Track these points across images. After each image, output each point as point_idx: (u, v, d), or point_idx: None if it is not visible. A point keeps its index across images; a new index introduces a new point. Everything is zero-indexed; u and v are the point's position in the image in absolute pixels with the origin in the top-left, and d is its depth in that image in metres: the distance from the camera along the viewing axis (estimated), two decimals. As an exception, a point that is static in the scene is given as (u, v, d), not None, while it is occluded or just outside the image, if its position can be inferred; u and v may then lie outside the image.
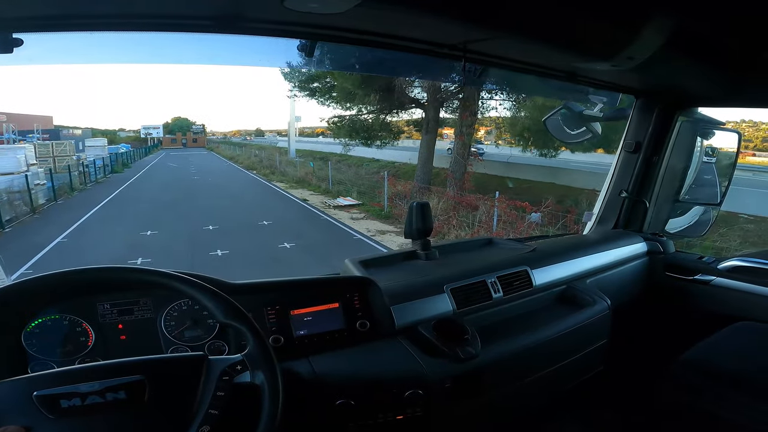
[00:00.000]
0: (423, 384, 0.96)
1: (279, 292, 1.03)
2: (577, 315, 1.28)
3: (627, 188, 1.74)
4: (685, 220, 1.89)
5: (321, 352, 1.00)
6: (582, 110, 1.73)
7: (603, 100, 1.65)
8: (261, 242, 7.83)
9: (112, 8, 0.84)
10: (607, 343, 1.36)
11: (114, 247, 7.42)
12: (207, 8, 0.88)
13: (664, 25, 0.90)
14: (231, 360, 0.70)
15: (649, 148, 1.69)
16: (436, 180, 12.42)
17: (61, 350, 0.90)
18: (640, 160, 1.70)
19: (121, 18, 0.86)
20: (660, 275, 1.66)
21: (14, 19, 0.80)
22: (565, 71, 1.35)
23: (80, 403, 0.61)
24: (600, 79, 1.44)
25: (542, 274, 1.34)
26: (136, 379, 0.64)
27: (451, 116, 13.13)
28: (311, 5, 0.79)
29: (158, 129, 56.98)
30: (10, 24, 0.80)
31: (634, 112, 1.71)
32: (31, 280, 0.71)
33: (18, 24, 0.80)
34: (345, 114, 12.76)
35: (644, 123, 1.68)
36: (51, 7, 0.80)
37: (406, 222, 1.42)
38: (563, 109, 1.77)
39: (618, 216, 1.79)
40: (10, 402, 0.61)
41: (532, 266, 1.33)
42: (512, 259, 1.36)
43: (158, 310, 0.96)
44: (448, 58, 1.20)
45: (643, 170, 1.72)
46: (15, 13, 0.79)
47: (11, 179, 10.82)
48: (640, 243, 1.67)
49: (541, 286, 1.33)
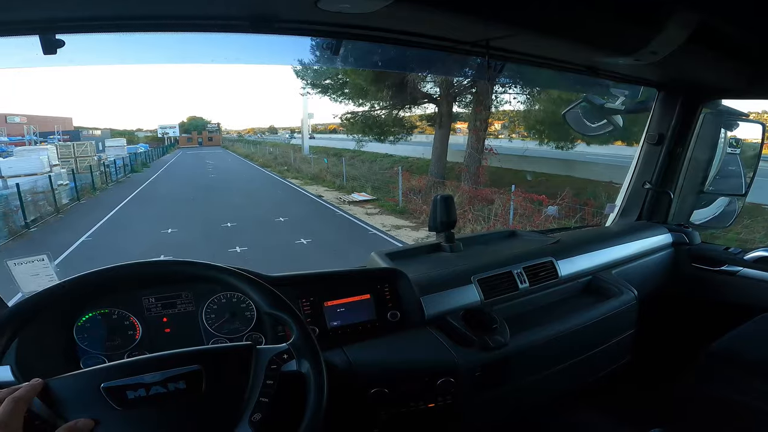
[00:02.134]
0: (454, 372, 0.99)
1: (312, 285, 1.06)
2: (604, 305, 1.29)
3: (650, 180, 1.74)
4: (710, 211, 1.88)
5: (354, 343, 1.02)
6: (603, 103, 1.73)
7: (625, 93, 1.65)
8: (278, 239, 7.92)
9: (151, 10, 0.87)
10: (634, 334, 1.36)
11: (136, 245, 7.58)
12: (244, 9, 0.90)
13: (688, 20, 0.91)
14: (277, 349, 0.71)
15: (672, 139, 1.69)
16: (450, 174, 12.36)
17: (111, 344, 0.92)
18: (664, 151, 1.70)
19: (159, 19, 0.89)
20: (686, 266, 1.66)
21: (57, 20, 0.83)
22: (586, 66, 1.36)
23: (145, 394, 0.62)
24: (621, 73, 1.45)
25: (567, 265, 1.35)
26: (194, 368, 0.65)
27: (464, 110, 13.04)
28: (343, 5, 0.82)
29: (174, 128, 58.01)
30: (54, 25, 0.83)
31: (656, 104, 1.70)
32: (86, 275, 0.73)
33: (61, 25, 0.83)
34: (358, 110, 12.78)
35: (667, 115, 1.67)
36: (92, 9, 0.83)
37: (430, 215, 1.44)
38: (583, 103, 1.78)
39: (641, 207, 1.79)
40: (79, 394, 0.62)
41: (557, 257, 1.35)
42: (537, 251, 1.37)
43: (199, 304, 0.99)
44: (470, 54, 1.22)
45: (666, 162, 1.72)
46: (58, 14, 0.82)
47: (35, 180, 10.95)
48: (665, 234, 1.68)
49: (567, 277, 1.34)
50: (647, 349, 1.46)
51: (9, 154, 16.17)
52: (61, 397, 0.61)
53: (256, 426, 0.64)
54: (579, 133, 1.83)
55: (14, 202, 9.15)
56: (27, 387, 0.60)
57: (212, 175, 19.87)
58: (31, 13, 0.80)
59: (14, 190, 9.26)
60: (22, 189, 9.27)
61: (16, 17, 0.80)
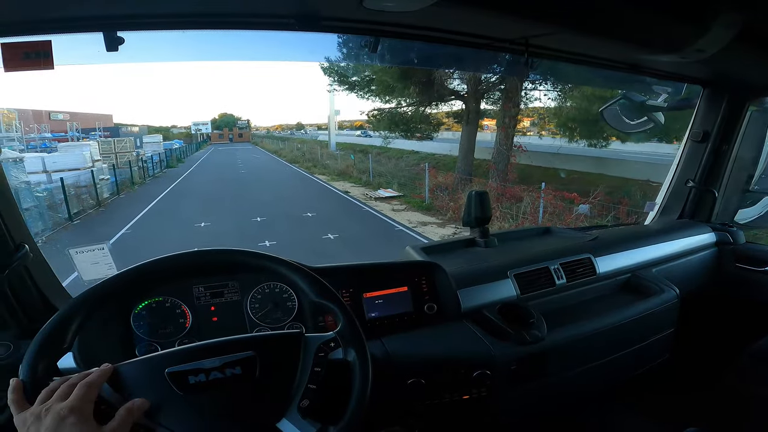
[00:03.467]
0: (490, 365, 1.00)
1: (352, 276, 1.08)
2: (644, 303, 1.28)
3: (694, 178, 1.71)
4: (756, 210, 1.82)
5: (391, 334, 1.04)
6: (643, 100, 1.70)
7: (668, 90, 1.62)
8: (306, 234, 8.05)
9: (204, 8, 0.91)
10: (674, 333, 1.35)
11: (172, 237, 7.87)
12: (291, 8, 0.93)
13: (736, 17, 0.90)
14: (325, 337, 0.72)
15: (717, 137, 1.65)
16: (477, 171, 12.23)
17: (163, 331, 0.95)
18: (708, 149, 1.66)
19: (211, 17, 0.93)
20: (730, 266, 1.62)
21: (119, 18, 0.87)
22: (628, 63, 1.35)
23: (205, 379, 0.63)
24: (665, 70, 1.43)
25: (606, 262, 1.35)
26: (248, 355, 0.66)
27: (492, 107, 12.85)
28: (386, 4, 0.83)
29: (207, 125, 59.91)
30: (116, 22, 0.87)
31: (701, 101, 1.66)
32: (149, 263, 0.75)
33: (122, 23, 0.87)
34: (384, 107, 12.81)
35: (712, 113, 1.64)
36: (150, 7, 0.87)
37: (464, 210, 1.46)
38: (622, 99, 1.75)
39: (684, 206, 1.76)
40: (145, 379, 0.64)
41: (595, 254, 1.34)
42: (574, 247, 1.37)
43: (244, 293, 1.00)
44: (509, 52, 1.24)
45: (711, 160, 1.68)
46: (119, 12, 0.86)
47: (78, 175, 11.23)
48: (708, 233, 1.64)
49: (605, 274, 1.34)
50: (687, 348, 1.43)
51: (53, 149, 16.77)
52: (128, 381, 0.63)
53: (304, 412, 0.65)
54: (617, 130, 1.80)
55: (59, 195, 9.51)
56: (98, 372, 0.62)
57: (242, 171, 20.37)
58: (96, 10, 0.85)
59: (59, 184, 9.58)
60: (65, 183, 9.60)
61: (82, 13, 0.85)
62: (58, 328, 0.65)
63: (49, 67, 0.85)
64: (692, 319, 1.40)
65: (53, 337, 0.65)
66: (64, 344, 0.65)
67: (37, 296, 1.01)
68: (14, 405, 0.59)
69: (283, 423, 0.64)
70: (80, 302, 0.68)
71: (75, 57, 0.91)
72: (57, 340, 0.65)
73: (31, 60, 0.84)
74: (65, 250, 1.06)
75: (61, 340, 0.65)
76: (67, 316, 0.66)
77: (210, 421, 0.63)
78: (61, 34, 0.86)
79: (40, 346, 0.64)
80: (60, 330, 0.65)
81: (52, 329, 0.65)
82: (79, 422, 0.56)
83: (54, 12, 0.83)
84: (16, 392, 0.60)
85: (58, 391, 0.59)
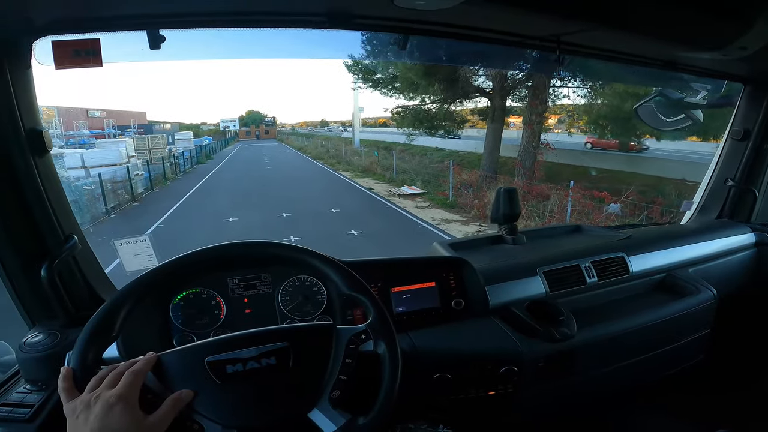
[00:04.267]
0: (518, 361, 1.00)
1: (381, 271, 1.08)
2: (679, 303, 1.25)
3: (733, 177, 1.66)
4: (799, 210, 1.75)
5: (419, 328, 1.05)
6: (680, 97, 1.66)
7: (707, 88, 1.57)
8: (330, 229, 8.14)
9: (239, 6, 0.93)
10: (710, 333, 1.32)
11: (202, 231, 8.07)
12: (324, 6, 0.95)
13: None
14: (356, 329, 0.72)
15: (759, 135, 1.59)
16: (503, 169, 12.08)
17: (199, 322, 0.97)
18: (749, 148, 1.61)
19: (246, 15, 0.95)
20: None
21: (161, 16, 0.89)
22: (665, 60, 1.31)
23: (242, 369, 0.64)
24: (704, 68, 1.39)
25: (639, 261, 1.33)
26: (282, 345, 0.67)
27: (519, 104, 12.63)
28: (418, 2, 0.84)
29: (235, 122, 61.33)
30: (158, 21, 0.89)
31: (741, 99, 1.61)
32: (187, 256, 0.76)
33: (163, 21, 0.89)
34: (408, 104, 12.79)
35: (754, 110, 1.58)
36: (190, 5, 0.89)
37: (492, 207, 1.46)
38: (658, 97, 1.71)
39: (723, 205, 1.71)
40: (186, 368, 0.65)
41: (629, 253, 1.32)
42: (606, 245, 1.36)
43: (276, 286, 1.02)
44: (539, 50, 1.23)
45: (752, 158, 1.62)
46: (161, 10, 0.88)
47: (114, 170, 11.48)
48: (747, 233, 1.59)
49: (639, 273, 1.32)
50: (723, 350, 1.40)
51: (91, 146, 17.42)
52: (169, 370, 0.64)
53: (334, 402, 0.65)
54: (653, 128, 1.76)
55: (96, 190, 9.85)
56: (144, 361, 0.63)
57: (269, 167, 20.77)
58: (140, 8, 0.87)
59: (96, 179, 9.92)
60: (102, 178, 9.92)
61: (128, 12, 0.88)
62: (107, 317, 0.67)
63: (98, 64, 0.88)
64: (729, 320, 1.36)
65: (103, 325, 0.66)
66: (112, 333, 0.66)
67: (84, 286, 1.04)
68: (64, 393, 0.60)
69: (314, 413, 0.65)
70: (128, 292, 0.70)
71: (120, 55, 0.94)
72: (106, 329, 0.66)
73: (81, 58, 0.87)
74: (110, 241, 1.09)
75: (110, 329, 0.66)
76: (115, 306, 0.68)
77: (244, 410, 0.64)
78: (108, 32, 0.88)
79: (91, 334, 0.65)
80: (109, 319, 0.66)
81: (101, 318, 0.66)
82: (126, 410, 0.56)
83: (102, 11, 0.86)
84: (66, 380, 0.61)
85: (107, 379, 0.60)
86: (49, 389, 0.84)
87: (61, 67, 0.86)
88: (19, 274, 0.94)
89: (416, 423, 0.92)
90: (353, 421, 0.64)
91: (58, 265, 0.94)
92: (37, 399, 0.82)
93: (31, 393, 0.84)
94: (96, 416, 0.55)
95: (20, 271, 0.94)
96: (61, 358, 0.78)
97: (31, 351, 0.88)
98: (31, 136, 0.88)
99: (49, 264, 0.92)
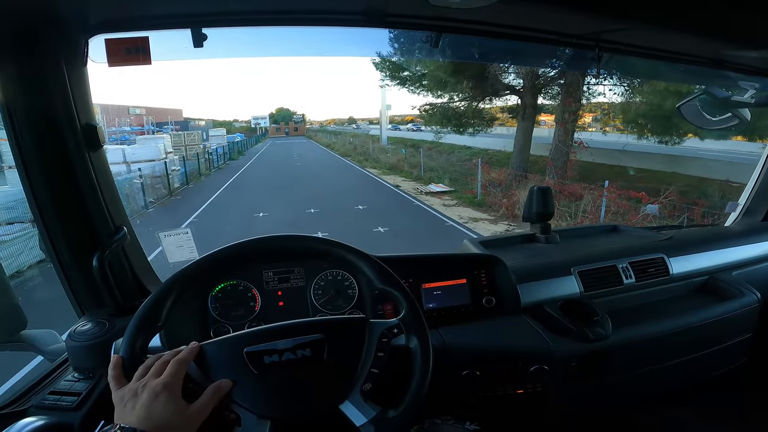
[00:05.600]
0: (549, 360, 0.99)
1: (412, 266, 1.09)
2: (721, 306, 1.22)
3: None
4: None
5: (449, 325, 1.06)
6: (726, 95, 1.60)
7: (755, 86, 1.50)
8: (357, 226, 8.18)
9: (277, 5, 0.95)
10: (752, 337, 1.29)
11: (234, 226, 8.27)
12: (359, 5, 0.96)
13: None
14: (389, 323, 0.72)
15: (812, 135, 1.51)
16: (533, 168, 11.79)
17: (236, 314, 0.98)
18: None
19: (286, 14, 0.98)
20: None
21: (204, 15, 0.91)
22: (711, 58, 1.27)
23: (278, 359, 0.65)
24: (752, 66, 1.33)
25: (680, 263, 1.30)
26: (318, 337, 0.67)
27: (550, 102, 12.28)
28: (453, 0, 0.84)
29: (265, 119, 62.73)
30: (201, 20, 0.91)
31: None
32: (229, 247, 0.76)
33: (206, 19, 0.91)
34: (436, 102, 12.68)
35: None
36: (231, 4, 0.91)
37: (525, 205, 1.46)
38: (702, 95, 1.65)
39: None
40: (224, 357, 0.65)
41: (669, 254, 1.29)
42: (645, 246, 1.33)
43: (309, 280, 1.04)
44: (577, 48, 1.20)
45: (803, 159, 1.54)
46: (204, 9, 0.91)
47: (153, 165, 11.70)
48: None
49: (679, 275, 1.29)
50: (765, 353, 1.35)
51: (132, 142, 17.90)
52: (210, 360, 0.65)
53: (365, 395, 0.66)
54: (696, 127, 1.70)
55: (136, 185, 10.15)
56: (188, 350, 0.64)
57: (298, 164, 21.08)
58: (185, 7, 0.90)
59: (137, 174, 10.27)
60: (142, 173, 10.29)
61: (174, 11, 0.91)
62: (155, 307, 0.68)
63: (147, 62, 0.90)
64: None
65: (150, 315, 0.67)
66: (158, 322, 0.68)
67: (131, 276, 1.07)
68: (114, 381, 0.61)
69: (346, 405, 0.65)
70: (174, 282, 0.71)
71: (166, 53, 0.96)
72: (153, 319, 0.67)
73: (132, 55, 0.89)
74: (155, 233, 1.15)
75: (157, 319, 0.67)
76: (163, 296, 0.69)
77: (278, 400, 0.64)
78: (156, 30, 0.91)
79: (139, 323, 0.66)
80: (156, 308, 0.68)
81: (150, 308, 0.68)
82: (170, 399, 0.58)
83: (151, 9, 0.90)
84: (116, 368, 0.62)
85: (154, 368, 0.61)
86: (95, 377, 0.86)
87: (114, 65, 0.90)
88: (72, 264, 0.97)
89: (443, 418, 0.92)
90: (383, 413, 0.65)
91: (108, 255, 0.97)
92: (84, 387, 0.84)
93: (78, 381, 0.86)
94: (142, 404, 0.57)
95: (73, 261, 0.97)
96: (108, 347, 0.81)
97: (81, 339, 0.90)
98: (86, 131, 0.92)
99: (100, 254, 0.96)
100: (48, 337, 1.02)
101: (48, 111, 0.87)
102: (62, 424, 0.76)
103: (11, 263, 5.17)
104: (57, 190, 0.92)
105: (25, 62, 0.83)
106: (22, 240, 5.54)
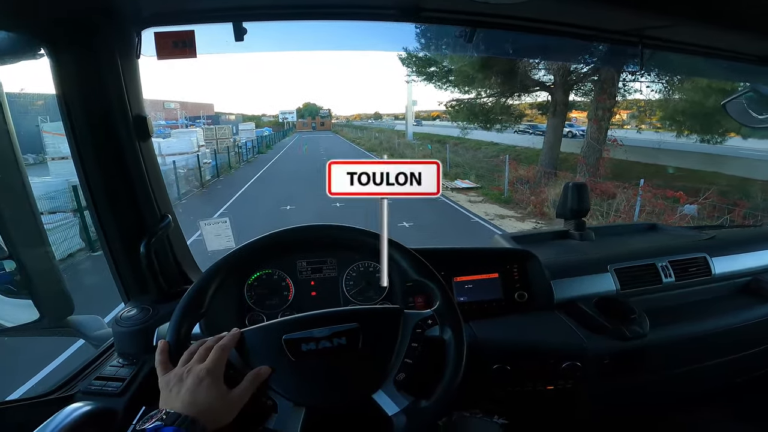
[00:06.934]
0: (582, 357, 0.98)
1: (444, 259, 1.07)
2: (764, 308, 1.19)
3: None
4: None
5: (480, 319, 1.05)
6: (778, 93, 1.54)
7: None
8: (382, 221, 8.24)
9: None
10: None
11: (262, 218, 8.40)
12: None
13: None
14: (423, 314, 0.72)
15: None
16: (563, 165, 11.50)
17: (270, 302, 0.99)
18: None
19: (322, 8, 0.98)
20: None
21: (245, 9, 0.92)
22: (758, 55, 1.21)
23: (315, 347, 0.66)
24: None
25: (723, 263, 1.27)
26: (353, 326, 0.68)
27: (582, 99, 11.90)
28: None
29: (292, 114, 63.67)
30: (242, 14, 0.92)
31: None
32: (265, 237, 0.78)
33: (247, 13, 0.92)
34: (463, 97, 12.51)
35: None
36: None
37: (559, 202, 1.44)
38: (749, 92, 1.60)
39: None
40: (264, 344, 0.67)
41: (712, 254, 1.26)
42: (686, 245, 1.30)
43: (341, 270, 1.03)
44: (620, 44, 1.16)
45: None
46: (245, 3, 0.91)
47: (186, 158, 11.82)
48: None
49: (722, 275, 1.26)
50: None
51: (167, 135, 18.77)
52: (250, 347, 0.67)
53: (399, 385, 0.66)
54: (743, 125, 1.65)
55: (170, 176, 10.37)
56: (230, 336, 0.66)
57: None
58: (228, 1, 0.91)
59: (171, 166, 10.52)
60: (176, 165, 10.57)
61: (217, 5, 0.93)
62: (199, 294, 0.69)
63: (192, 55, 0.91)
64: None
65: (195, 302, 0.69)
66: (201, 309, 0.69)
67: (174, 264, 1.09)
68: (160, 366, 0.63)
69: (379, 394, 0.66)
70: (217, 270, 0.72)
71: (209, 46, 0.97)
72: (197, 305, 0.69)
73: (179, 49, 0.91)
74: (196, 221, 1.17)
75: (200, 305, 0.69)
76: (206, 283, 0.70)
77: (314, 388, 0.65)
78: (200, 24, 0.92)
79: (184, 310, 0.68)
80: (200, 295, 0.69)
81: (194, 294, 0.69)
82: (213, 384, 0.59)
83: (196, 3, 0.92)
84: (163, 354, 0.64)
85: (198, 353, 0.63)
86: (139, 363, 0.87)
87: (163, 58, 0.91)
88: (121, 251, 1.00)
89: (472, 411, 0.92)
90: (416, 403, 0.65)
91: (154, 243, 0.99)
92: (128, 373, 0.85)
93: (123, 367, 0.87)
94: (187, 389, 0.58)
95: (123, 248, 1.00)
96: (151, 333, 0.84)
97: (127, 325, 0.92)
98: (137, 122, 0.94)
99: (147, 241, 0.98)
100: (93, 322, 1.05)
101: (102, 102, 0.90)
102: (107, 409, 0.78)
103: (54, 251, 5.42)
104: (110, 179, 0.95)
105: (82, 54, 0.85)
106: (63, 229, 5.71)
